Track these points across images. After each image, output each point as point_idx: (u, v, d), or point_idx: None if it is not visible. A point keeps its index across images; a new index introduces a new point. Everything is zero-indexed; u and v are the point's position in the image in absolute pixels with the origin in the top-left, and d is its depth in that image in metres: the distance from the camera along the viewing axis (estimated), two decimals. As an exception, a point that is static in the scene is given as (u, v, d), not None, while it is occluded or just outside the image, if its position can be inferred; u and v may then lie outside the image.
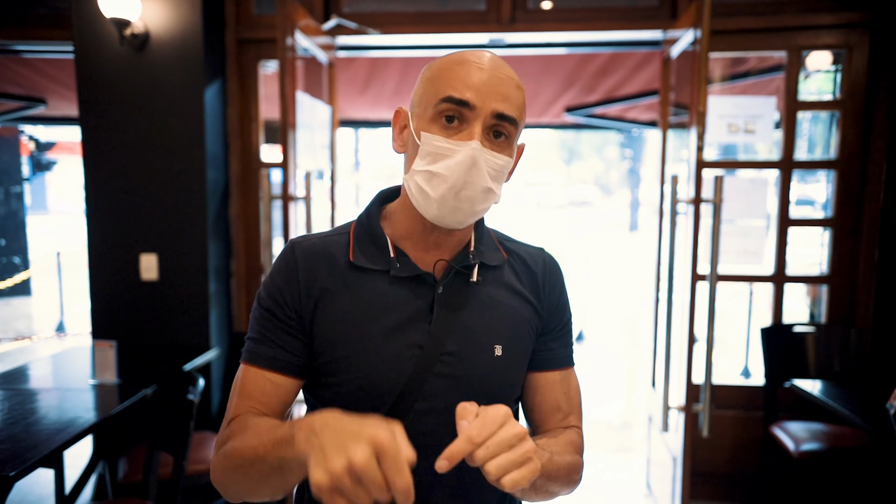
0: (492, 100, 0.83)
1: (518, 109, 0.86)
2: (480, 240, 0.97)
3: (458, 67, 0.85)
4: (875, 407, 2.29)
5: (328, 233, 0.98)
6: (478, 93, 0.83)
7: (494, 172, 0.85)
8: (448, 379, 0.88)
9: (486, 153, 0.83)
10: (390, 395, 0.87)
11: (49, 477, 2.50)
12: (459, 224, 0.88)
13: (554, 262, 1.03)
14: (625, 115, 4.39)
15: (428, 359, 0.88)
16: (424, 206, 0.86)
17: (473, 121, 0.83)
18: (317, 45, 2.79)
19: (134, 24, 2.75)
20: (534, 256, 1.01)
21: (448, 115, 0.84)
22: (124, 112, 2.85)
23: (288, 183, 2.52)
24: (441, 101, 0.84)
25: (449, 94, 0.83)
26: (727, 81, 3.55)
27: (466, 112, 0.83)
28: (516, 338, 0.94)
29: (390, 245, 0.92)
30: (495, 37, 2.99)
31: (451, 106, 0.83)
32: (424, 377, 0.87)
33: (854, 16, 2.75)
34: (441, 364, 0.88)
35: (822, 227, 3.00)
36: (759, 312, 5.10)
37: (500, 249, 0.99)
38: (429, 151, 0.84)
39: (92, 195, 2.91)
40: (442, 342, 0.89)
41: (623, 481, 3.32)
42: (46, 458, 1.79)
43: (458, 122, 0.84)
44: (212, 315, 2.93)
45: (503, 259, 0.98)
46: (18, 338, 6.62)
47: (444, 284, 0.91)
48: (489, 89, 0.83)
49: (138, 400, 2.28)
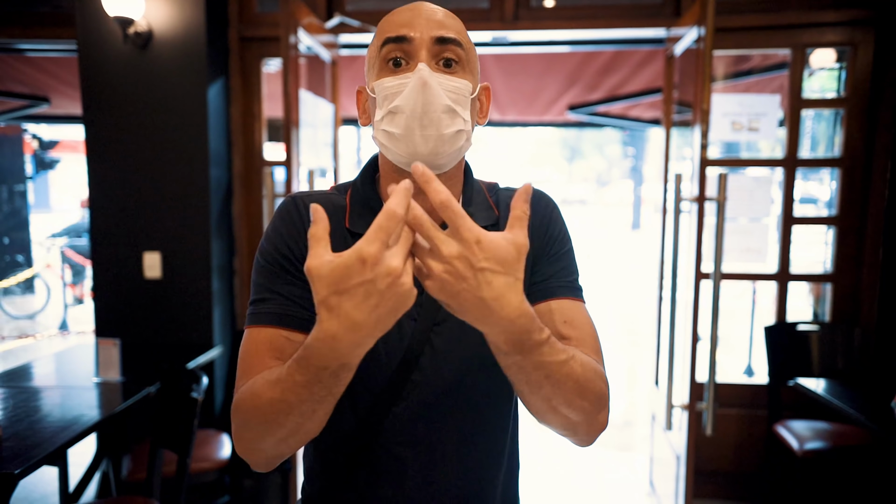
0: (427, 28, 0.84)
1: (458, 32, 0.86)
2: (469, 201, 0.94)
3: (391, 16, 0.87)
4: (879, 405, 2.28)
5: (328, 190, 0.96)
6: (411, 25, 0.84)
7: (454, 95, 0.83)
8: (439, 351, 0.87)
9: (436, 75, 0.82)
10: (388, 366, 0.86)
11: (53, 475, 2.51)
12: (434, 156, 0.83)
13: (544, 195, 0.97)
14: (628, 114, 4.39)
15: (421, 330, 0.87)
16: (395, 149, 0.84)
17: (417, 53, 0.83)
18: (320, 43, 2.79)
19: (137, 23, 2.75)
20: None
21: (392, 58, 0.84)
22: (127, 110, 2.85)
23: (291, 181, 2.52)
24: (381, 47, 0.85)
25: (385, 37, 0.84)
26: (731, 79, 3.54)
27: (407, 47, 0.83)
28: None
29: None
30: (498, 34, 2.98)
31: (390, 47, 0.84)
32: (420, 348, 0.87)
33: (858, 13, 2.74)
34: (433, 335, 0.87)
35: (826, 226, 2.99)
36: (763, 311, 5.10)
37: (492, 205, 0.95)
38: (384, 96, 0.84)
39: (95, 193, 2.92)
40: (433, 313, 0.87)
41: (625, 479, 3.32)
42: (51, 455, 1.79)
43: (405, 63, 0.84)
44: (215, 313, 2.94)
45: (495, 217, 0.94)
46: (22, 336, 6.64)
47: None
48: (422, 20, 0.84)
49: (142, 398, 2.29)
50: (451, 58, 0.85)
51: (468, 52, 0.87)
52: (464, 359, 0.89)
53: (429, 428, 0.89)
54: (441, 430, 0.89)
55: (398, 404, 0.88)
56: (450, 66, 0.85)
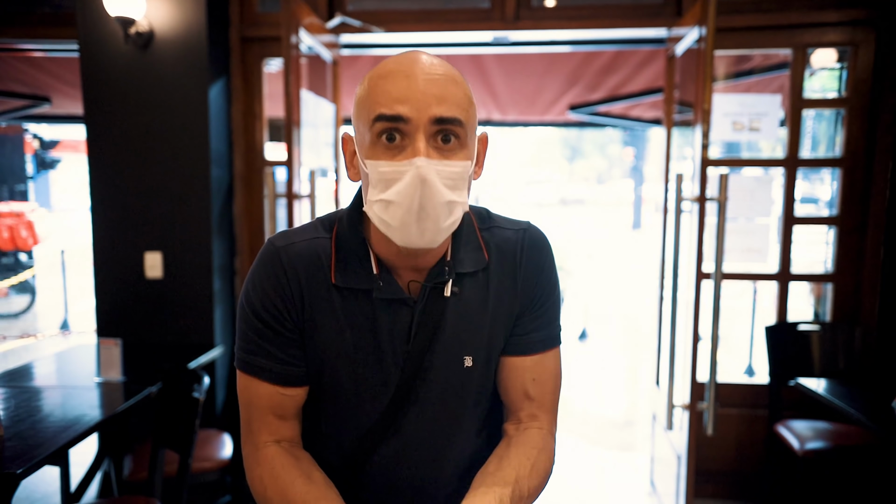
0: (426, 106, 0.76)
1: (460, 106, 0.78)
2: (459, 247, 0.91)
3: (383, 81, 0.78)
4: (880, 405, 2.28)
5: (310, 233, 0.91)
6: (409, 103, 0.76)
7: (451, 182, 0.78)
8: (423, 397, 0.91)
9: (435, 165, 0.76)
10: (374, 415, 0.91)
11: (55, 474, 2.51)
12: (431, 244, 0.82)
13: (535, 240, 0.95)
14: (628, 113, 4.39)
15: (407, 380, 0.90)
16: (389, 234, 0.82)
17: (414, 134, 0.77)
18: (321, 43, 2.79)
19: (138, 23, 2.76)
20: (512, 242, 0.93)
21: (386, 134, 0.77)
22: (129, 110, 2.86)
23: (292, 181, 2.52)
24: (374, 121, 0.77)
25: (379, 113, 0.77)
26: (732, 79, 3.54)
27: (403, 127, 0.76)
28: (490, 342, 0.93)
29: (373, 261, 0.89)
30: (499, 34, 2.98)
31: (385, 125, 0.77)
32: (406, 397, 0.90)
33: (859, 13, 2.74)
34: (419, 382, 0.90)
35: (827, 226, 2.99)
36: (764, 311, 5.09)
37: (482, 246, 0.92)
38: (378, 179, 0.78)
39: (96, 193, 2.92)
40: (419, 363, 0.90)
41: (626, 479, 3.32)
42: (52, 455, 1.79)
43: (399, 139, 0.77)
44: (216, 313, 2.94)
45: (485, 262, 0.91)
46: (23, 336, 6.65)
47: (422, 305, 0.89)
48: (421, 95, 0.76)
49: (143, 398, 2.29)
50: (450, 135, 0.79)
51: (468, 123, 0.80)
52: (442, 405, 0.93)
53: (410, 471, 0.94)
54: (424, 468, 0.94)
55: (382, 446, 0.92)
56: (448, 142, 0.79)
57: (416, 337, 0.88)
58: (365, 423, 0.91)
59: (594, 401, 4.65)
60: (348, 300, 0.88)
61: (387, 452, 0.92)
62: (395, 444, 0.92)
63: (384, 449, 0.92)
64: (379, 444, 0.92)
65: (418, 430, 0.92)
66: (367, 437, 0.91)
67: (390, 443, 0.92)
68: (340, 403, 0.91)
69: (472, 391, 0.93)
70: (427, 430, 0.92)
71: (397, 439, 0.92)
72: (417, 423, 0.92)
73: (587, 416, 4.32)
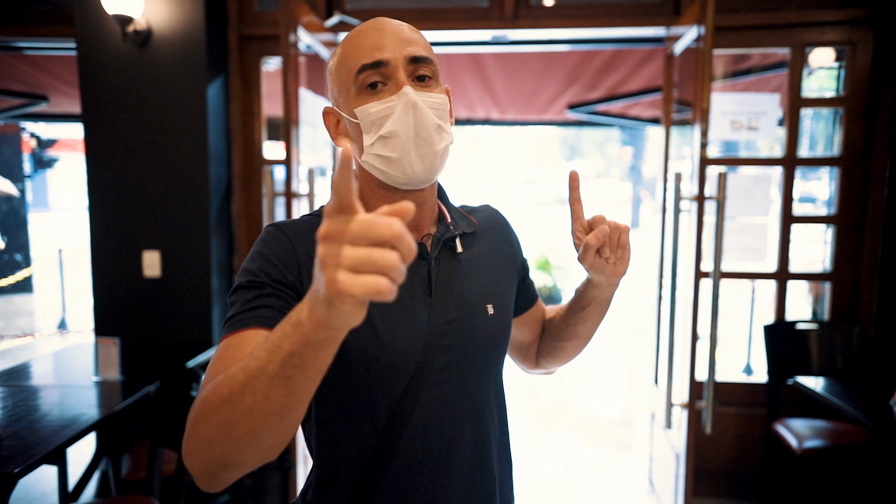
0: (400, 48, 0.86)
1: (426, 49, 0.89)
2: (451, 211, 1.00)
3: (357, 39, 0.88)
4: (878, 404, 2.29)
5: (305, 216, 0.94)
6: (385, 49, 0.85)
7: (437, 111, 0.87)
8: (453, 348, 0.91)
9: (420, 94, 0.85)
10: (405, 374, 0.87)
11: (52, 474, 2.51)
12: (429, 172, 0.87)
13: (502, 214, 1.11)
14: (627, 112, 4.38)
15: (435, 331, 0.89)
16: (392, 172, 0.86)
17: (394, 74, 0.85)
18: (319, 41, 2.79)
19: (136, 21, 2.75)
20: (494, 215, 1.09)
21: (369, 82, 0.86)
22: (127, 109, 2.85)
23: (291, 179, 2.52)
24: (357, 74, 0.86)
25: (361, 64, 0.85)
26: (730, 78, 3.54)
27: (384, 70, 0.85)
28: (500, 293, 1.00)
29: None
30: (498, 33, 2.98)
31: (368, 73, 0.85)
32: (434, 350, 0.88)
33: (858, 12, 2.74)
34: (446, 334, 0.90)
35: (826, 225, 3.00)
36: (762, 309, 5.10)
37: (468, 217, 1.03)
38: (371, 122, 0.86)
39: (94, 192, 2.91)
40: (444, 313, 0.90)
41: (624, 478, 3.32)
42: (50, 454, 1.79)
43: (381, 85, 0.86)
44: (214, 311, 2.94)
45: (475, 225, 1.01)
46: (21, 335, 6.64)
47: (434, 257, 0.93)
48: (393, 41, 0.86)
49: (141, 397, 2.29)
50: (425, 74, 0.88)
51: (436, 64, 0.90)
52: (473, 352, 0.93)
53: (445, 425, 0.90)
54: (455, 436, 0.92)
55: (414, 413, 0.88)
56: (423, 80, 0.88)
57: (437, 288, 0.91)
58: (396, 387, 0.86)
59: (593, 400, 4.65)
60: None
61: (420, 414, 0.87)
62: (429, 401, 0.87)
63: (420, 410, 0.87)
64: (414, 405, 0.86)
65: (448, 382, 0.89)
66: (402, 396, 0.86)
67: (424, 399, 0.87)
68: (368, 364, 0.86)
69: (498, 338, 0.97)
70: (457, 381, 0.90)
71: (429, 395, 0.88)
72: (448, 374, 0.89)
73: (586, 415, 4.32)
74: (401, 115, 0.84)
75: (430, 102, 0.86)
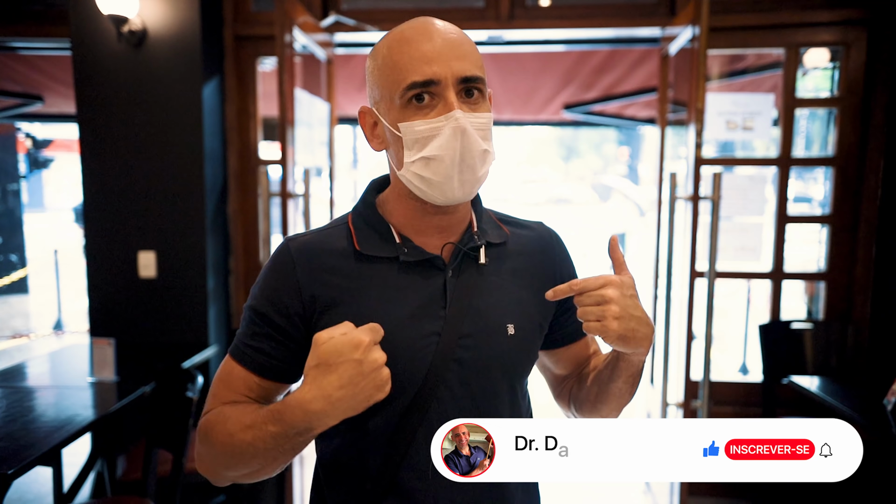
0: (452, 66, 0.82)
1: (477, 64, 0.85)
2: (481, 218, 0.95)
3: (406, 47, 0.83)
4: (872, 403, 2.30)
5: (322, 227, 0.95)
6: (437, 65, 0.81)
7: (482, 132, 0.84)
8: (466, 364, 0.87)
9: (469, 117, 0.82)
10: (413, 385, 0.85)
11: (47, 475, 2.50)
12: (468, 196, 0.87)
13: (557, 235, 1.04)
14: (623, 113, 4.38)
15: (447, 345, 0.86)
16: (430, 192, 0.85)
17: (444, 92, 0.82)
18: (315, 42, 2.79)
19: (131, 21, 2.74)
20: (539, 232, 1.01)
21: (416, 95, 0.82)
22: (122, 109, 2.84)
23: (286, 180, 2.51)
24: (405, 89, 0.82)
25: (411, 81, 0.81)
26: (725, 78, 3.55)
27: (434, 88, 0.82)
28: (526, 315, 0.93)
29: (394, 231, 0.90)
30: (494, 34, 2.98)
31: (417, 90, 0.82)
32: (445, 364, 0.86)
33: (852, 13, 2.75)
34: (459, 349, 0.87)
35: (820, 224, 3.01)
36: (757, 309, 5.11)
37: (501, 226, 0.98)
38: (414, 140, 0.82)
39: (90, 192, 2.91)
40: (458, 327, 0.87)
41: (621, 478, 3.32)
42: (45, 456, 1.79)
43: (428, 100, 0.82)
44: (210, 312, 2.93)
45: (506, 235, 0.96)
46: (16, 336, 6.61)
47: (453, 268, 0.89)
48: (446, 57, 0.82)
49: (137, 397, 2.28)
50: (474, 89, 0.85)
51: (484, 79, 0.87)
52: (487, 370, 0.89)
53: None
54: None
55: (420, 430, 0.85)
56: (472, 95, 0.85)
57: (452, 299, 0.87)
58: (406, 392, 0.85)
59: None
60: (374, 267, 0.88)
61: (427, 427, 0.84)
62: (439, 417, 0.84)
63: (426, 426, 0.84)
64: (421, 420, 0.85)
65: (457, 400, 0.86)
66: (407, 410, 0.85)
67: (430, 415, 0.85)
68: None
69: (515, 361, 0.92)
70: (467, 400, 0.87)
71: (439, 412, 0.85)
72: (458, 391, 0.86)
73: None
74: (448, 140, 0.81)
75: (477, 124, 0.83)
